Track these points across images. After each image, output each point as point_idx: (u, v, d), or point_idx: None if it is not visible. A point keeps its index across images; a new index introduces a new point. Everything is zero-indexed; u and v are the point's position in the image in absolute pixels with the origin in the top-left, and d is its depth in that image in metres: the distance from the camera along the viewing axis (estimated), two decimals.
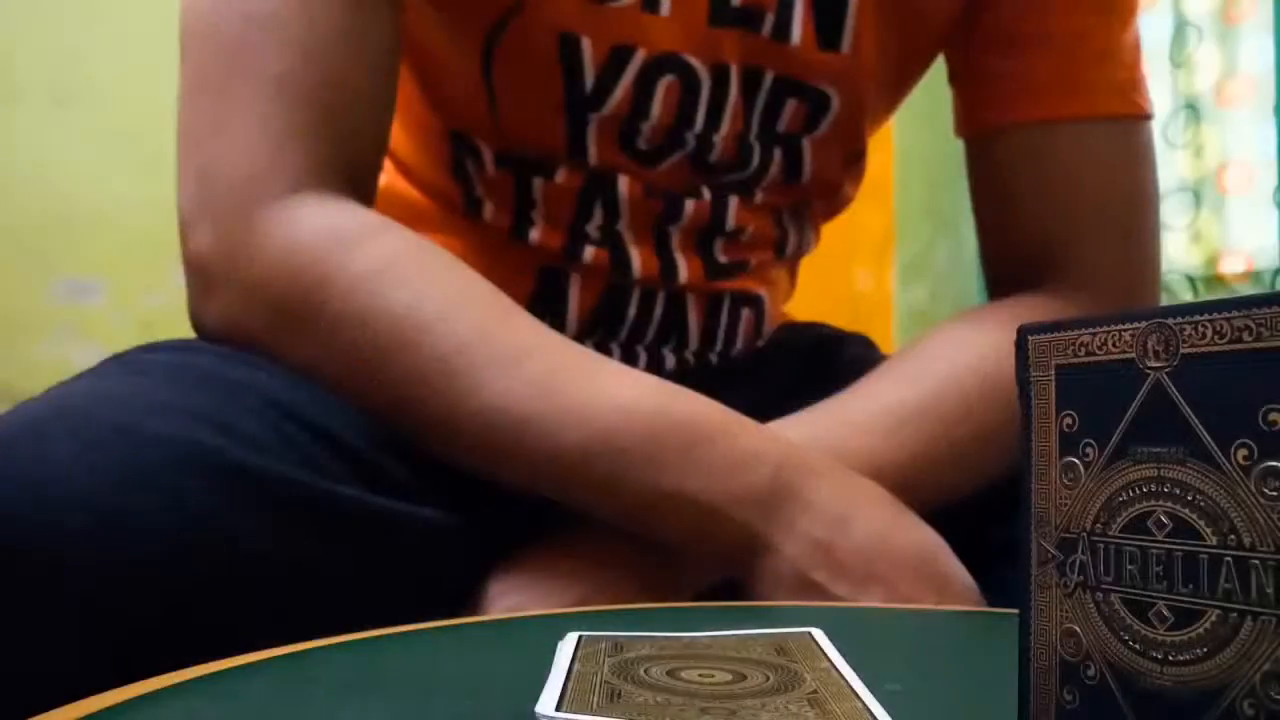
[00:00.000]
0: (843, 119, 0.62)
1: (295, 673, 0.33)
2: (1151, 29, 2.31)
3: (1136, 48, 0.64)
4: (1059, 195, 0.63)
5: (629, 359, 0.65)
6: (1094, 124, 0.62)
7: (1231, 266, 2.25)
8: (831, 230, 0.75)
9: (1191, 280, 2.29)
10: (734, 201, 0.63)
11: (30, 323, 1.81)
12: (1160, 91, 2.30)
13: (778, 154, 0.63)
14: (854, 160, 0.68)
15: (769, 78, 0.60)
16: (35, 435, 0.41)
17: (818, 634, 0.35)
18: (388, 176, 0.67)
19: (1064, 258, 0.62)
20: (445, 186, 0.64)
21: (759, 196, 0.64)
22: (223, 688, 0.31)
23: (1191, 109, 2.28)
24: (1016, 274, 0.64)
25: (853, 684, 0.30)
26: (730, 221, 0.64)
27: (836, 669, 0.31)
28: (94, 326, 1.89)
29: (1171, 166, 2.29)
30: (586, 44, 0.57)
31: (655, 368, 0.65)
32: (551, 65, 0.58)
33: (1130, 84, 0.63)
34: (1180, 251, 2.30)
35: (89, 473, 0.40)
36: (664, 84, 0.59)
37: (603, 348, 0.64)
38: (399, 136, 0.66)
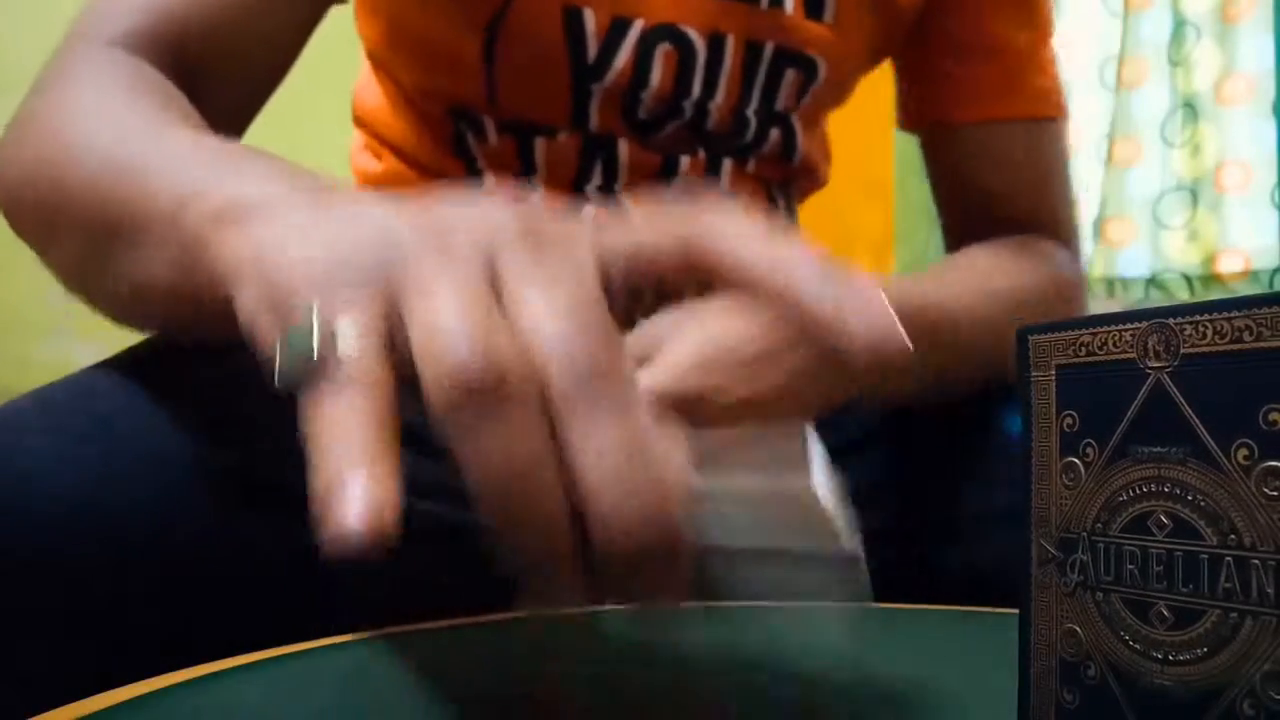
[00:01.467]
0: (824, 91, 0.68)
1: (295, 673, 0.33)
2: (1150, 27, 2.30)
3: (1055, 59, 0.76)
4: (1005, 178, 0.74)
5: None
6: (1031, 123, 0.74)
7: (1229, 266, 2.25)
8: (831, 230, 0.76)
9: (1189, 279, 2.28)
10: (728, 165, 0.66)
11: (30, 323, 1.81)
12: (1158, 90, 2.29)
13: (774, 133, 0.67)
14: (821, 137, 0.75)
15: (769, 49, 0.64)
16: (14, 430, 0.41)
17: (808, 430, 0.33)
18: (386, 163, 0.68)
19: (1011, 222, 0.74)
20: (447, 166, 0.65)
21: (752, 165, 0.68)
22: (222, 688, 0.31)
23: (1189, 108, 2.28)
24: (973, 237, 0.74)
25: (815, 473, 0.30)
26: (724, 185, 0.67)
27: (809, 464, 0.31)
28: (94, 326, 1.89)
29: (1169, 165, 2.28)
30: (589, 15, 0.60)
31: None
32: (556, 38, 0.60)
33: (1055, 90, 0.74)
34: (1177, 250, 2.29)
35: (70, 466, 0.40)
36: (661, 51, 0.61)
37: None
38: (396, 125, 0.67)
